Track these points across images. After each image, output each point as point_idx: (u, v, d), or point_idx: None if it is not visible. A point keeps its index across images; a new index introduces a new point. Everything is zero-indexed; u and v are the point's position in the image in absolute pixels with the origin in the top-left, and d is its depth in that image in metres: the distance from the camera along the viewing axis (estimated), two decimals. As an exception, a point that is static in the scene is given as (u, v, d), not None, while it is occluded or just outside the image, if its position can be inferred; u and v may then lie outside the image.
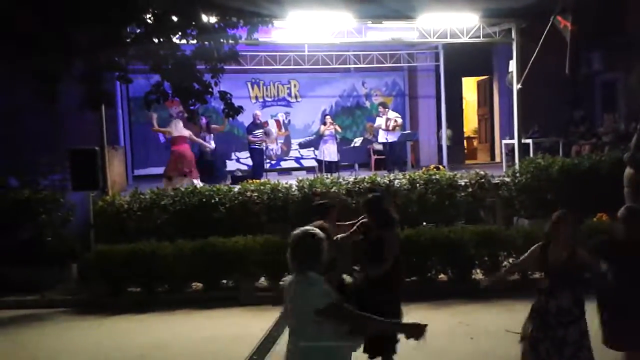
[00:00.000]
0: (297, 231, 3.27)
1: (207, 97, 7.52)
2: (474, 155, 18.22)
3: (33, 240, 8.73)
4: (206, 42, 7.08)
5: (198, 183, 11.11)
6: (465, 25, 11.49)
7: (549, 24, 10.48)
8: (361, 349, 4.37)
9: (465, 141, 18.83)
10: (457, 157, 16.48)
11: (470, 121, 19.20)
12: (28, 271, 8.45)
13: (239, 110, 7.48)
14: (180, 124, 12.04)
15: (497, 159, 16.09)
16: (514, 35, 11.52)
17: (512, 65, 11.61)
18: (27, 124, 12.77)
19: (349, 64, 14.86)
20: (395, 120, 13.89)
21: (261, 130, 13.40)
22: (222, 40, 7.06)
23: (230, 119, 8.32)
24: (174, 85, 7.00)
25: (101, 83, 6.77)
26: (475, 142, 19.03)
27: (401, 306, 4.94)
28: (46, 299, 8.15)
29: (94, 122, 10.20)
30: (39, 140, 12.29)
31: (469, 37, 11.69)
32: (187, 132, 12.00)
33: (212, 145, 12.96)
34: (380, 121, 13.78)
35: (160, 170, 13.51)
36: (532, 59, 10.85)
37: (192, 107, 7.50)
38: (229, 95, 7.44)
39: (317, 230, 3.29)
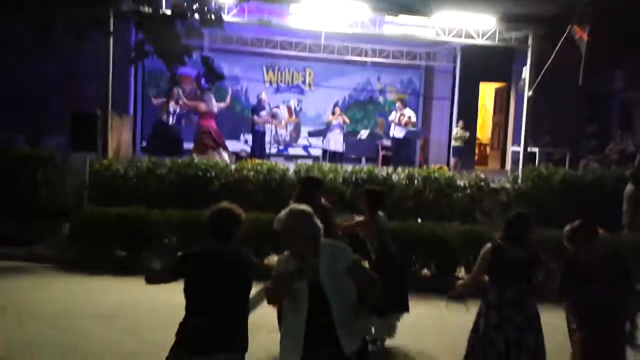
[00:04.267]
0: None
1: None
2: (484, 162, 18.10)
3: (29, 197, 8.89)
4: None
5: (226, 157, 11.36)
6: (482, 27, 11.40)
7: (565, 33, 10.35)
8: None
9: (478, 147, 18.74)
10: (467, 162, 16.38)
11: (488, 128, 19.07)
12: (21, 226, 8.61)
13: (221, 76, 7.50)
14: (213, 99, 12.11)
15: (508, 167, 15.98)
16: (530, 41, 11.41)
17: (525, 72, 11.50)
18: (41, 85, 12.99)
19: (365, 57, 14.83)
20: (409, 117, 13.84)
21: (265, 112, 13.46)
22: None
23: (211, 84, 8.34)
24: (156, 45, 7.02)
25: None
26: (488, 149, 18.91)
27: None
28: (34, 253, 8.28)
29: (103, 88, 10.35)
30: (50, 102, 12.49)
31: (485, 39, 11.59)
32: (215, 108, 12.14)
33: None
34: (394, 115, 13.76)
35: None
36: (546, 67, 10.73)
37: (206, 82, 7.50)
38: (211, 60, 7.43)
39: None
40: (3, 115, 11.84)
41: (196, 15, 7.12)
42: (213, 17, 7.29)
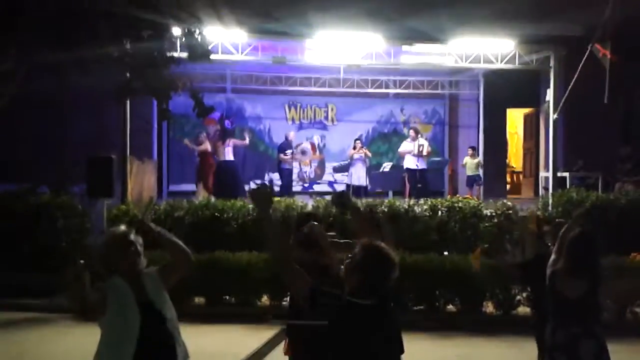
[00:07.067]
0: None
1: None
2: (517, 190, 17.60)
3: (49, 245, 8.89)
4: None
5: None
6: (500, 51, 11.19)
7: (587, 52, 10.04)
8: None
9: (510, 175, 18.26)
10: (499, 191, 15.92)
11: (520, 155, 18.61)
12: (42, 276, 8.58)
13: (211, 109, 7.45)
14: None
15: (542, 194, 15.46)
16: (552, 63, 11.11)
17: (549, 94, 11.18)
18: (65, 136, 13.27)
19: (386, 89, 14.72)
20: (429, 147, 13.59)
21: (291, 150, 13.43)
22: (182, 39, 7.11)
23: (202, 118, 8.31)
24: (143, 83, 7.05)
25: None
26: (521, 177, 18.41)
27: None
28: (54, 304, 8.22)
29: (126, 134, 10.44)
30: (74, 151, 12.71)
31: (505, 63, 11.35)
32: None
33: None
34: (409, 146, 13.41)
35: (194, 186, 13.77)
36: (569, 88, 10.39)
37: (197, 116, 7.49)
38: (200, 94, 7.41)
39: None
40: (28, 168, 12.06)
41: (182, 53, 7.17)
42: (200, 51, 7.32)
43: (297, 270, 2.89)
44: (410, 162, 13.31)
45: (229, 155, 12.88)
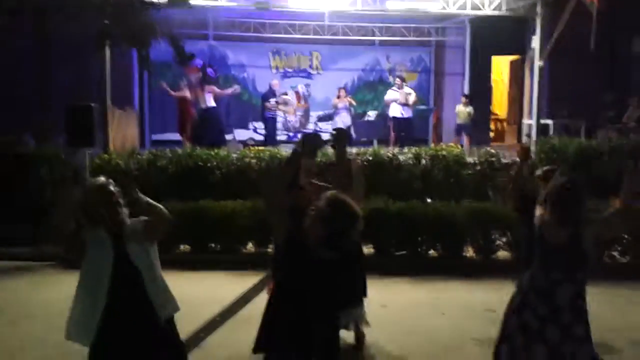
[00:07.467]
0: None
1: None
2: (501, 138, 17.68)
3: (35, 196, 8.85)
4: None
5: None
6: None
7: (574, -1, 9.94)
8: None
9: (494, 123, 18.30)
10: (483, 138, 15.99)
11: (504, 103, 18.60)
12: (28, 226, 8.59)
13: (191, 56, 7.33)
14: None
15: (525, 141, 15.55)
16: (538, 9, 10.99)
17: (535, 41, 11.09)
18: (48, 85, 13.03)
19: (371, 36, 14.51)
20: (415, 96, 13.50)
21: (275, 99, 13.28)
22: None
23: (182, 65, 8.18)
24: (120, 29, 6.91)
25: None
26: (505, 124, 18.47)
27: None
28: (40, 252, 8.26)
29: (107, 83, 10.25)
30: (57, 101, 12.51)
31: (492, 9, 11.21)
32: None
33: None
34: (395, 94, 13.29)
35: (176, 135, 13.63)
36: (555, 35, 10.32)
37: (176, 63, 7.36)
38: (181, 41, 7.28)
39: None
40: (13, 118, 11.88)
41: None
42: None
43: (283, 215, 2.93)
44: (395, 111, 13.23)
45: (209, 102, 12.65)
